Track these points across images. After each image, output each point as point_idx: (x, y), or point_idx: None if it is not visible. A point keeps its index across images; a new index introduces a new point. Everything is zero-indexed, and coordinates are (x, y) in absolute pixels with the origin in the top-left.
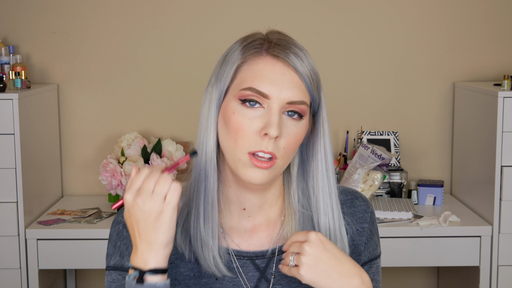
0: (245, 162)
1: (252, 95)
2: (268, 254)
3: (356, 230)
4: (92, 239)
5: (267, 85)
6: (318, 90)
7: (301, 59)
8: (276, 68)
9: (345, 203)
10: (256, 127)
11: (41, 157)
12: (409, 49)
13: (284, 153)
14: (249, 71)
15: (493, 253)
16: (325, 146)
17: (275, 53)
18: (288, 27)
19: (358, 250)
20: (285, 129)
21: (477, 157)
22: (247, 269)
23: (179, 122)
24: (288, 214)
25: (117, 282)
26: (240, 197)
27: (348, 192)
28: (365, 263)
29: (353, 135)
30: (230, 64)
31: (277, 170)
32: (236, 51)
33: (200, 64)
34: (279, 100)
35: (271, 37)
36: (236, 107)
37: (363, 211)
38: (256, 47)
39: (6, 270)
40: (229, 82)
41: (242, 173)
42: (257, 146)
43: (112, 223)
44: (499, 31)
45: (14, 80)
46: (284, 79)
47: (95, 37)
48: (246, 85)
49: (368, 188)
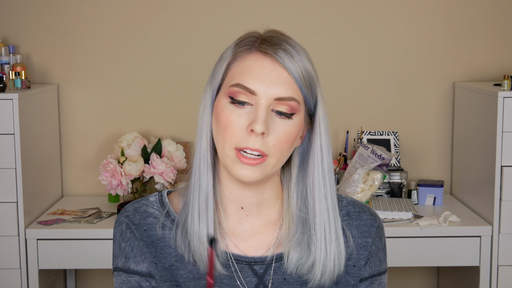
0: (233, 158)
1: (240, 92)
2: (267, 261)
3: (360, 243)
4: (92, 239)
5: (254, 81)
6: (311, 88)
7: (291, 56)
8: (264, 64)
9: (352, 215)
10: (243, 123)
11: (41, 157)
12: (409, 49)
13: (275, 151)
14: (238, 67)
15: (493, 253)
16: (321, 146)
17: (263, 49)
18: (288, 27)
19: (359, 265)
20: (274, 126)
21: (477, 157)
22: (245, 274)
23: (179, 122)
24: (286, 218)
25: (128, 283)
26: (237, 195)
27: (356, 204)
28: (366, 278)
29: (353, 135)
30: (223, 62)
31: (269, 168)
32: (229, 49)
33: (200, 64)
34: (266, 96)
35: (264, 35)
36: (226, 104)
37: (369, 225)
38: (247, 45)
39: (6, 270)
40: (220, 80)
41: (232, 170)
42: (243, 142)
43: (115, 223)
44: (499, 31)
45: (14, 80)
46: (272, 75)
47: (95, 37)
48: (235, 81)
49: (368, 188)
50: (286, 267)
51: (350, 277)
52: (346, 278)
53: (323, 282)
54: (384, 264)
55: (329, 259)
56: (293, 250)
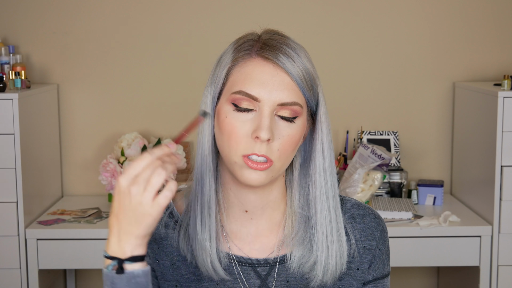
0: (241, 164)
1: (243, 99)
2: (270, 263)
3: (363, 247)
4: (92, 239)
5: (256, 88)
6: (313, 90)
7: (292, 59)
8: (265, 70)
9: (356, 217)
10: (247, 130)
11: (41, 157)
12: (409, 49)
13: (280, 155)
14: (240, 73)
15: (493, 253)
16: (323, 146)
17: (264, 55)
18: (288, 27)
19: (363, 268)
20: (278, 131)
21: (477, 157)
22: (248, 276)
23: (179, 122)
24: (289, 218)
25: None
26: (241, 199)
27: (361, 207)
28: (369, 281)
29: (353, 135)
30: (223, 67)
31: (275, 172)
32: (228, 53)
33: (200, 64)
34: (269, 102)
35: (262, 38)
36: (229, 111)
37: (373, 228)
38: (247, 49)
39: (6, 270)
40: (221, 85)
41: (240, 175)
42: (249, 149)
43: None
44: (499, 31)
45: (14, 80)
46: (274, 80)
47: (95, 37)
48: (237, 88)
49: (368, 188)
50: (289, 266)
51: (353, 280)
52: (350, 281)
53: (325, 281)
54: (388, 267)
55: (330, 259)
56: (295, 248)
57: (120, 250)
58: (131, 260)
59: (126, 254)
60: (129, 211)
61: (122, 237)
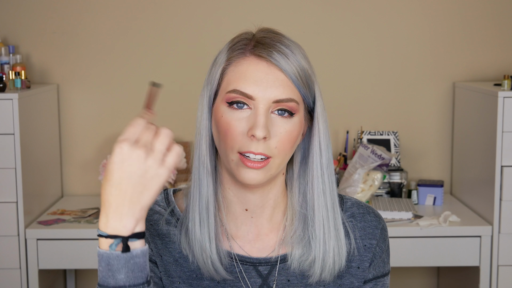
0: (237, 162)
1: (238, 97)
2: (272, 262)
3: (364, 245)
4: (92, 239)
5: (251, 86)
6: (309, 86)
7: (286, 57)
8: (259, 68)
9: (356, 216)
10: (243, 128)
11: (41, 157)
12: (409, 49)
13: (278, 152)
14: (234, 72)
15: (493, 253)
16: (320, 142)
17: (258, 53)
18: (288, 27)
19: (363, 266)
20: (275, 128)
21: (477, 157)
22: (249, 275)
23: (179, 122)
24: (290, 214)
25: None
26: (240, 197)
27: (361, 206)
28: (369, 280)
29: (353, 135)
30: (217, 67)
31: (274, 169)
32: (223, 53)
33: (200, 64)
34: (264, 100)
35: (256, 36)
36: (224, 110)
37: (373, 226)
38: (241, 48)
39: (6, 270)
40: (216, 85)
41: (237, 174)
42: (246, 147)
43: None
44: (499, 31)
45: (14, 80)
46: (268, 78)
47: (95, 37)
48: (232, 87)
49: (368, 188)
50: (290, 265)
51: (354, 279)
52: (350, 279)
53: (323, 278)
54: (388, 266)
55: (328, 256)
56: (295, 246)
57: (122, 226)
58: (134, 237)
59: (129, 230)
60: (136, 177)
61: (124, 210)
